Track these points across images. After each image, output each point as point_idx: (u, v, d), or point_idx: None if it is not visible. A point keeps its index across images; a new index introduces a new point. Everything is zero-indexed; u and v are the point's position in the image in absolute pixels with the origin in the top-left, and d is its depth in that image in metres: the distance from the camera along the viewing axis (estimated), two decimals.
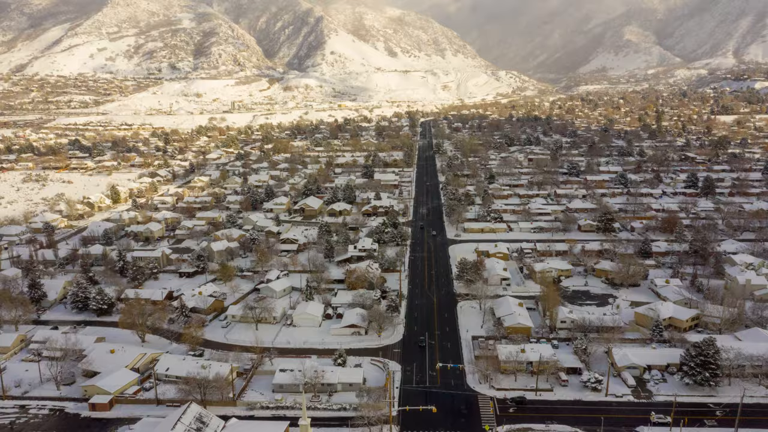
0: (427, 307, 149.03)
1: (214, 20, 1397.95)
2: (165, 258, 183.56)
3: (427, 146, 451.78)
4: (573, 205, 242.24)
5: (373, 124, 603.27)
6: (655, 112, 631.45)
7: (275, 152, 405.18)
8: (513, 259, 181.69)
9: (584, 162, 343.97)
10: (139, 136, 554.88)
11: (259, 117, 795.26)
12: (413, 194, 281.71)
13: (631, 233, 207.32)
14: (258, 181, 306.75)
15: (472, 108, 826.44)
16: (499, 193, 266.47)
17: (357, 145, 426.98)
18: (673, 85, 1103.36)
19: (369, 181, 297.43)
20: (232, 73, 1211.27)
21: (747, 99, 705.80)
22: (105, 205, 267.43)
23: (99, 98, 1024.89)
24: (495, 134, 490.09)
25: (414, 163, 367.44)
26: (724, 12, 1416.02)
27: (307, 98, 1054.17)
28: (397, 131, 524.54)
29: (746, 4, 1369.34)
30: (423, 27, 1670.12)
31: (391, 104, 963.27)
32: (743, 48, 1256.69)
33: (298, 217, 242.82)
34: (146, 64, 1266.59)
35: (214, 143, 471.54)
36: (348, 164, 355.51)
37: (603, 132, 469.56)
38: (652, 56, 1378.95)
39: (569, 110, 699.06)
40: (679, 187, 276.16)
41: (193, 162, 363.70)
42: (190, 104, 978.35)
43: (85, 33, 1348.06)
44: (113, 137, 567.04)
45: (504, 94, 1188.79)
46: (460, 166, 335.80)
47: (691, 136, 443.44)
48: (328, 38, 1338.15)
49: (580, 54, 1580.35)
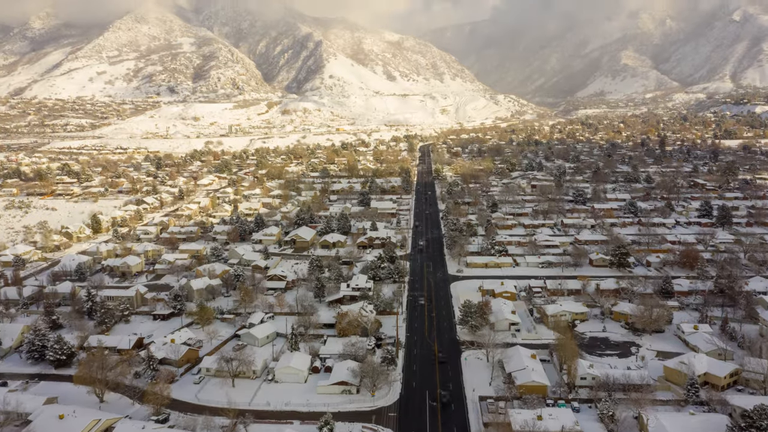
0: (427, 358, 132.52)
1: (214, 44, 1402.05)
2: (139, 297, 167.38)
3: (426, 171, 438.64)
4: (582, 237, 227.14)
5: (371, 148, 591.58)
6: (657, 137, 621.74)
7: (269, 178, 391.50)
8: (521, 298, 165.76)
9: (590, 189, 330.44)
10: (132, 160, 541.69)
11: (256, 141, 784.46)
12: (412, 223, 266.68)
13: (647, 268, 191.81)
14: (249, 209, 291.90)
15: (471, 132, 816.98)
16: (503, 223, 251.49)
17: (354, 171, 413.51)
18: (672, 109, 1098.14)
19: (365, 210, 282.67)
20: (231, 96, 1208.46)
21: (749, 123, 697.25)
22: (84, 236, 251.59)
23: (96, 121, 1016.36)
24: (496, 159, 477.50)
25: (412, 190, 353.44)
26: (720, 37, 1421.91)
27: (306, 122, 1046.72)
28: (396, 156, 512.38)
29: (741, 29, 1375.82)
30: (421, 51, 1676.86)
31: (390, 128, 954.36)
32: (740, 72, 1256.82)
33: (289, 249, 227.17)
34: (145, 88, 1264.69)
35: (207, 168, 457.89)
36: (344, 191, 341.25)
37: (607, 157, 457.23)
38: (650, 80, 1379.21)
39: (570, 134, 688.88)
40: (692, 216, 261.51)
41: (182, 188, 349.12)
42: (188, 128, 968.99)
43: (86, 57, 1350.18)
44: (107, 161, 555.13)
45: (503, 118, 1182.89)
46: (460, 193, 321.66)
47: (697, 161, 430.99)
48: (327, 62, 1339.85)
49: (578, 78, 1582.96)
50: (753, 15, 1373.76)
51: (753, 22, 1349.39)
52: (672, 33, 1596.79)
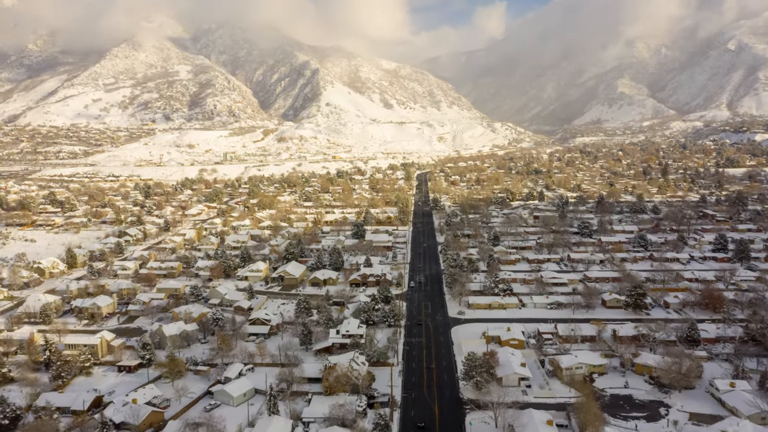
0: (426, 420, 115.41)
1: (211, 72, 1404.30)
2: (105, 345, 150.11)
3: (423, 201, 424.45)
4: (591, 273, 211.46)
5: (367, 176, 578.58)
6: (658, 165, 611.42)
7: (260, 208, 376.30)
8: (530, 346, 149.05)
9: (594, 220, 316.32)
10: (122, 189, 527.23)
11: (251, 168, 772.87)
12: (408, 258, 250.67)
13: (665, 310, 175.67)
14: (237, 241, 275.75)
15: (469, 160, 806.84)
16: (506, 258, 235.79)
17: (349, 200, 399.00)
18: (670, 137, 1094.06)
19: (359, 243, 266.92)
20: (227, 124, 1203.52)
21: (751, 151, 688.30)
22: (58, 271, 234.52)
23: (89, 149, 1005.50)
24: (495, 188, 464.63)
25: (409, 221, 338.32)
26: (715, 66, 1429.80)
27: (302, 149, 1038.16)
28: (392, 184, 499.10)
29: (736, 58, 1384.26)
30: (418, 79, 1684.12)
31: (387, 155, 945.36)
32: (736, 101, 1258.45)
33: (276, 287, 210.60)
34: (140, 115, 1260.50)
35: (196, 197, 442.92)
36: (337, 222, 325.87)
37: (609, 186, 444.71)
38: (647, 108, 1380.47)
39: (569, 162, 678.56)
40: (706, 250, 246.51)
41: (168, 219, 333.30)
42: (182, 155, 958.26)
43: (82, 84, 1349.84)
44: (98, 188, 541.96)
45: (500, 145, 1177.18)
46: (459, 224, 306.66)
47: (703, 191, 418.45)
48: (324, 90, 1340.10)
49: (575, 106, 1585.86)
50: (748, 44, 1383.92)
51: (748, 51, 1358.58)
52: (667, 62, 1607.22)
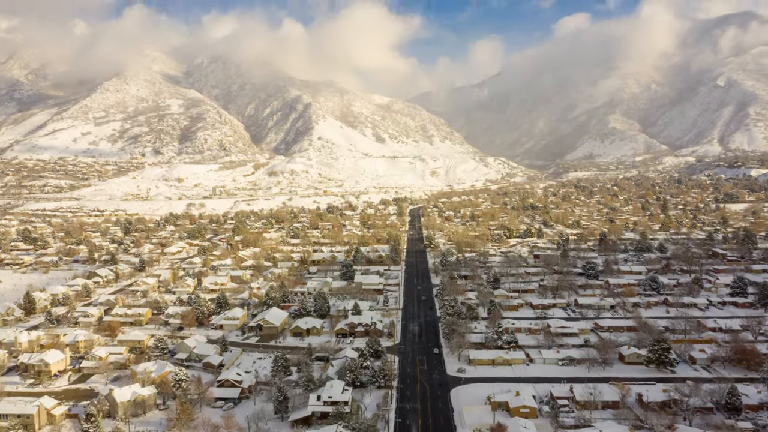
0: None
1: (203, 106, 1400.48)
2: (43, 415, 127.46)
3: (416, 238, 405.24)
4: (603, 322, 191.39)
5: (358, 212, 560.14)
6: (656, 200, 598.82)
7: (244, 245, 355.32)
8: (543, 414, 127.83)
9: (598, 259, 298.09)
10: (101, 225, 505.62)
11: (240, 203, 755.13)
12: (401, 302, 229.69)
13: (692, 366, 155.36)
14: (215, 283, 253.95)
15: (462, 194, 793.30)
16: (508, 303, 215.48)
17: (338, 237, 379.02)
18: (663, 172, 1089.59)
19: (348, 285, 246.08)
20: (217, 158, 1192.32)
21: (748, 186, 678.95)
22: (13, 318, 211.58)
23: (75, 182, 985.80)
24: (490, 224, 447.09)
25: (402, 260, 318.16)
26: (705, 102, 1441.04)
27: (293, 184, 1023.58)
28: (384, 220, 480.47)
29: (726, 94, 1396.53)
30: (411, 114, 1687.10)
31: (379, 190, 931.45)
32: (728, 136, 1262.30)
33: (254, 338, 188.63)
34: (130, 149, 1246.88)
35: (178, 234, 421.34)
36: (325, 261, 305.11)
37: (609, 222, 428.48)
38: (638, 143, 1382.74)
39: (565, 197, 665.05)
40: (724, 294, 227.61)
41: (144, 258, 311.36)
42: (171, 189, 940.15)
43: (71, 117, 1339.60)
44: (81, 223, 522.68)
45: (493, 180, 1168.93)
46: (455, 264, 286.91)
47: (707, 228, 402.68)
48: (316, 124, 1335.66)
49: (567, 141, 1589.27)
50: (737, 80, 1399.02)
51: (737, 87, 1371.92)
52: (657, 97, 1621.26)
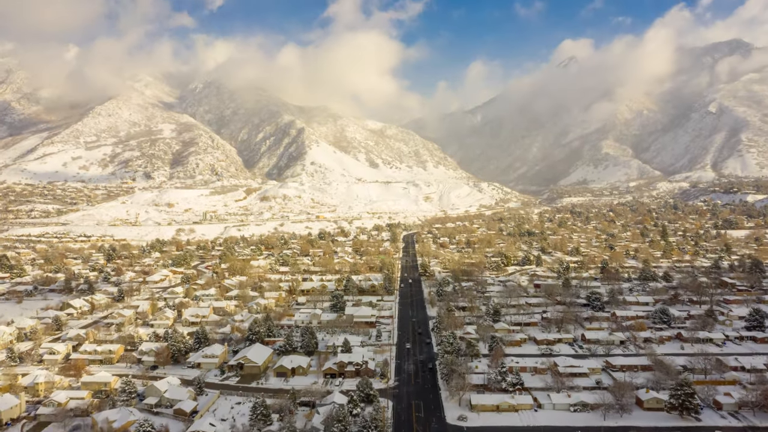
0: None
1: (195, 130, 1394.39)
2: None
3: (410, 266, 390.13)
4: (615, 360, 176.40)
5: (351, 238, 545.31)
6: (654, 226, 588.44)
7: (230, 273, 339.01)
8: None
9: (602, 288, 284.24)
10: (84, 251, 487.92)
11: (230, 228, 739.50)
12: (395, 337, 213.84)
13: (718, 413, 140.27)
14: (195, 315, 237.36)
15: (457, 220, 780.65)
16: (510, 338, 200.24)
17: (329, 265, 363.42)
18: (657, 197, 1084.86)
19: (338, 318, 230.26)
20: (209, 182, 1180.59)
21: (745, 212, 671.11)
22: None
23: (63, 207, 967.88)
24: (487, 251, 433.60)
25: (396, 289, 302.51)
26: (697, 128, 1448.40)
27: (285, 209, 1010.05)
28: (377, 247, 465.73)
29: (718, 120, 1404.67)
30: (404, 139, 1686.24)
31: (372, 215, 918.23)
32: (721, 162, 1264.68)
33: (234, 378, 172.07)
34: (120, 173, 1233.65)
35: (162, 261, 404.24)
36: (315, 291, 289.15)
37: (609, 249, 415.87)
38: (632, 169, 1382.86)
39: (561, 223, 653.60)
40: (739, 327, 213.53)
41: (124, 287, 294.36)
42: (161, 214, 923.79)
43: (62, 142, 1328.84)
44: (66, 249, 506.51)
45: (487, 205, 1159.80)
46: (452, 294, 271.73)
47: (711, 255, 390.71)
48: (309, 149, 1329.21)
49: (560, 166, 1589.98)
50: (728, 107, 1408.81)
51: (729, 114, 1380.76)
52: (650, 123, 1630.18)
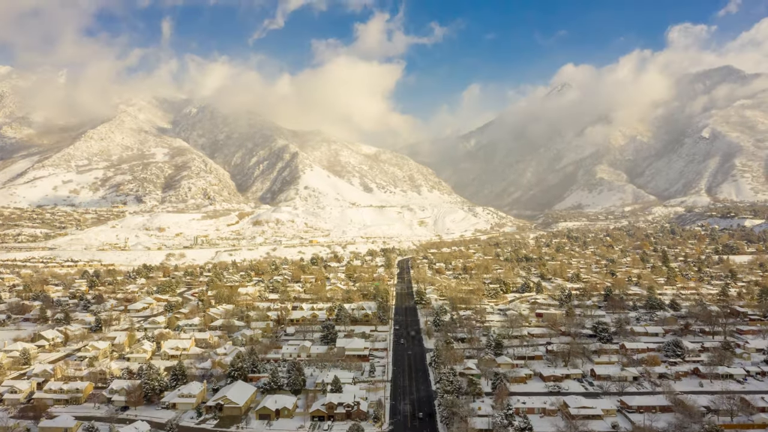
0: None
1: (188, 154, 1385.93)
2: None
3: (405, 293, 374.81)
4: (631, 400, 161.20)
5: (344, 263, 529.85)
6: (653, 251, 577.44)
7: (217, 301, 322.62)
8: None
9: (607, 317, 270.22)
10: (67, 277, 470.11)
11: (222, 253, 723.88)
12: (390, 372, 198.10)
13: None
14: (175, 348, 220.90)
15: (452, 245, 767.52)
16: (514, 374, 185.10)
17: (321, 292, 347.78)
18: (653, 222, 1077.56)
19: (329, 350, 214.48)
20: (201, 207, 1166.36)
21: (744, 237, 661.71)
22: None
23: (51, 231, 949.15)
24: (485, 277, 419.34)
25: (390, 318, 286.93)
26: (691, 153, 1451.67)
27: (278, 233, 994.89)
28: (371, 273, 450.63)
29: (711, 146, 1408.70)
30: (398, 164, 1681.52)
31: (366, 240, 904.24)
32: (715, 187, 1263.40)
33: (212, 420, 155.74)
34: (111, 197, 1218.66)
35: (147, 288, 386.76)
36: (305, 321, 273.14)
37: (611, 276, 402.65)
38: (627, 194, 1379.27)
39: (558, 248, 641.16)
40: (758, 360, 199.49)
41: (102, 317, 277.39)
42: (151, 239, 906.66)
43: (53, 165, 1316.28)
44: (52, 274, 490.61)
45: (482, 230, 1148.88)
46: (450, 324, 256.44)
47: (716, 282, 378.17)
48: (303, 173, 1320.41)
49: (555, 191, 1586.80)
50: (721, 132, 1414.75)
51: (722, 139, 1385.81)
52: (643, 149, 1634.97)
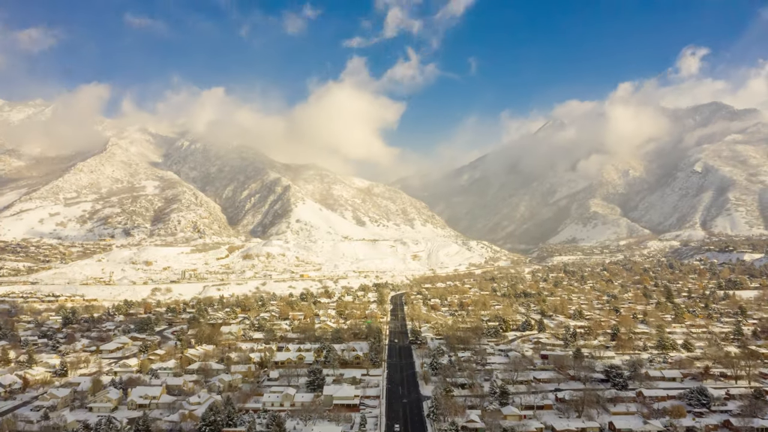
0: None
1: (179, 187, 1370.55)
2: None
3: (399, 331, 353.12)
4: None
5: (335, 299, 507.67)
6: (654, 286, 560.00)
7: (197, 341, 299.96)
8: None
9: (616, 359, 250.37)
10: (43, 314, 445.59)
11: (210, 288, 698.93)
12: (382, 425, 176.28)
13: None
14: (145, 396, 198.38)
15: (447, 279, 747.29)
16: (523, 428, 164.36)
17: (309, 331, 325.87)
18: (649, 255, 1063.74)
19: (315, 399, 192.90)
20: (190, 240, 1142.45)
21: (745, 272, 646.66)
22: None
23: (35, 265, 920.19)
24: (482, 314, 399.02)
25: (383, 360, 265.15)
26: (684, 187, 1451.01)
27: (268, 267, 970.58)
28: (363, 309, 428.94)
29: (704, 179, 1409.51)
30: (391, 198, 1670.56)
31: (359, 274, 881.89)
32: (710, 221, 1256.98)
33: None
34: (99, 230, 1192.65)
35: (123, 326, 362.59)
36: (291, 363, 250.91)
37: (615, 312, 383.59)
38: (621, 227, 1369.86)
39: (556, 283, 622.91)
40: None
41: (70, 359, 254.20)
42: (138, 273, 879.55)
43: (40, 198, 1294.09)
44: (31, 310, 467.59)
45: (477, 264, 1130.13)
46: (449, 367, 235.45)
47: (726, 319, 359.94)
48: (295, 206, 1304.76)
49: (549, 225, 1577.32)
50: (713, 166, 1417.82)
51: (715, 173, 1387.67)
52: (636, 183, 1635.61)
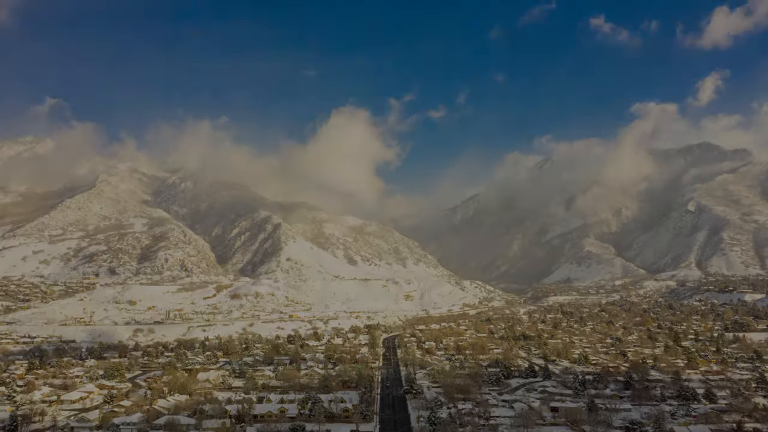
0: None
1: (167, 225, 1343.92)
2: None
3: (393, 378, 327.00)
4: None
5: (324, 341, 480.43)
6: (657, 328, 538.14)
7: (170, 390, 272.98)
8: None
9: (633, 411, 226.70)
10: (8, 358, 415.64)
11: (195, 329, 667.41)
12: None
13: None
14: None
15: (441, 320, 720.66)
16: None
17: (295, 378, 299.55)
18: (645, 296, 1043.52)
19: None
20: (177, 279, 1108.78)
21: (749, 312, 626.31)
22: None
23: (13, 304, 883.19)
24: (481, 358, 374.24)
25: (375, 413, 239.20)
26: (678, 226, 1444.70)
27: (257, 307, 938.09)
28: (353, 353, 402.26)
29: (698, 219, 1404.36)
30: (383, 236, 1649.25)
31: (350, 315, 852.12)
32: (705, 260, 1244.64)
33: None
34: (83, 268, 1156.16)
35: (92, 371, 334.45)
36: (271, 417, 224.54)
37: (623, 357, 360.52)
38: (616, 267, 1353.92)
39: (555, 325, 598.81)
40: None
41: (24, 411, 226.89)
42: (121, 312, 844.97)
43: (25, 235, 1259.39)
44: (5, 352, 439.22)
45: (471, 304, 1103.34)
46: (449, 422, 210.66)
47: (741, 364, 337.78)
48: (285, 245, 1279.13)
49: (542, 264, 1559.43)
50: (707, 206, 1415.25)
51: (708, 212, 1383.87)
52: (629, 222, 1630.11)
